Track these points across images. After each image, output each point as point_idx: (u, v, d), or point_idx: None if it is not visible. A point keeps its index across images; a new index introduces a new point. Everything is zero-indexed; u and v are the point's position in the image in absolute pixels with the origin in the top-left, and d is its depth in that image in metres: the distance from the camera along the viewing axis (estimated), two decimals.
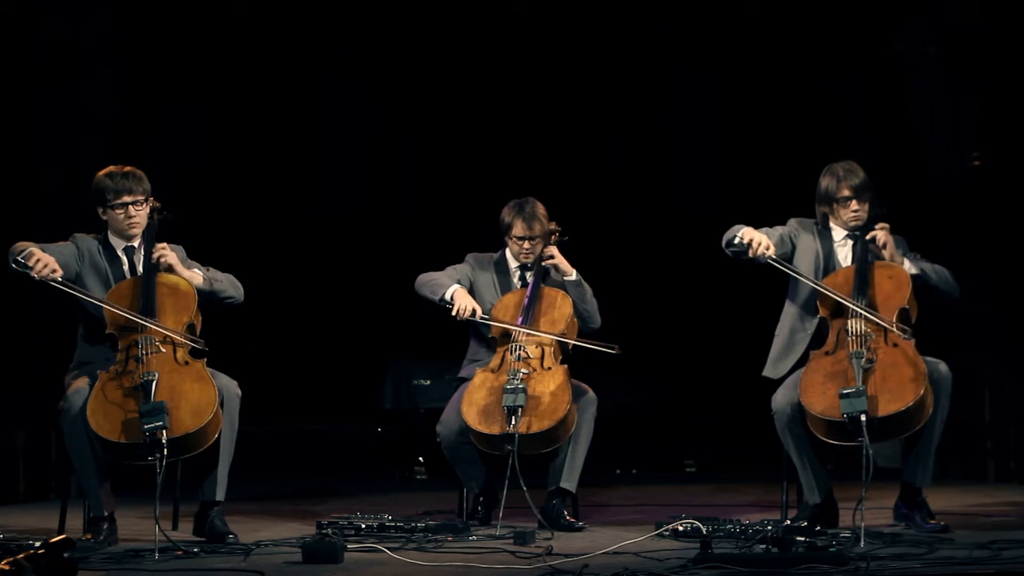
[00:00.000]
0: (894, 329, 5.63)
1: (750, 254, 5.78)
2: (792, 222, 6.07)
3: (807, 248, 5.97)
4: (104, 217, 5.72)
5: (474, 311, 6.17)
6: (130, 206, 5.66)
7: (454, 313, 6.17)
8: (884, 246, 5.84)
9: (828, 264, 5.96)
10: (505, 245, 6.45)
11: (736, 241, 5.82)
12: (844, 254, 5.98)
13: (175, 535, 5.54)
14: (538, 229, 6.30)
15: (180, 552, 5.19)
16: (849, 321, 5.69)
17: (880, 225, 5.88)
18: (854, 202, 5.93)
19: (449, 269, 6.40)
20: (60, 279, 5.42)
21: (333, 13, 9.52)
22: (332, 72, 9.66)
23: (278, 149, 9.56)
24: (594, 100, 9.69)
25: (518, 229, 6.33)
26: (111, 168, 5.72)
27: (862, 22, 9.02)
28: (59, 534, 5.61)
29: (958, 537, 5.42)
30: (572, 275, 6.32)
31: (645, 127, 9.78)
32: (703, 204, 9.49)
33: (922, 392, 5.51)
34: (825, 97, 9.25)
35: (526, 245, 6.32)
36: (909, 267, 5.85)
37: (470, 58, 9.61)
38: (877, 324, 5.66)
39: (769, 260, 5.80)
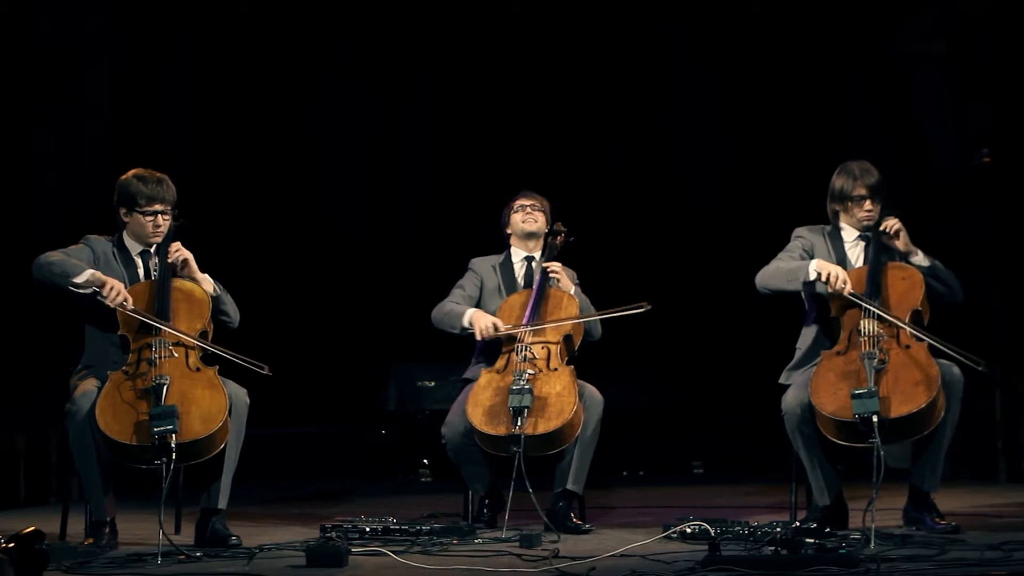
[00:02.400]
0: (906, 326, 5.57)
1: (828, 290, 5.68)
2: (800, 231, 6.00)
3: (822, 255, 5.90)
4: (126, 220, 5.67)
5: (495, 327, 6.13)
6: (159, 215, 5.63)
7: (478, 338, 6.15)
8: (897, 234, 5.78)
9: (842, 267, 5.88)
10: (508, 246, 6.46)
11: (812, 279, 5.71)
12: (856, 255, 5.92)
13: (177, 539, 5.50)
14: (539, 199, 6.44)
15: (183, 556, 5.14)
16: (861, 321, 5.63)
17: (890, 217, 5.82)
18: (868, 202, 5.88)
19: (456, 292, 6.38)
20: (132, 307, 5.39)
21: (333, 13, 9.48)
22: (332, 72, 9.63)
23: (279, 150, 9.53)
24: (595, 99, 9.66)
25: (520, 200, 6.45)
26: (141, 172, 5.66)
27: (867, 19, 8.98)
28: (60, 539, 5.62)
29: (969, 538, 5.36)
30: (571, 290, 6.29)
31: (648, 126, 9.75)
32: (708, 204, 9.46)
33: (934, 395, 5.45)
34: (831, 95, 9.21)
35: (528, 210, 6.40)
36: (923, 258, 5.80)
37: (471, 58, 9.58)
38: (890, 325, 5.60)
39: (851, 296, 5.67)
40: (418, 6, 9.53)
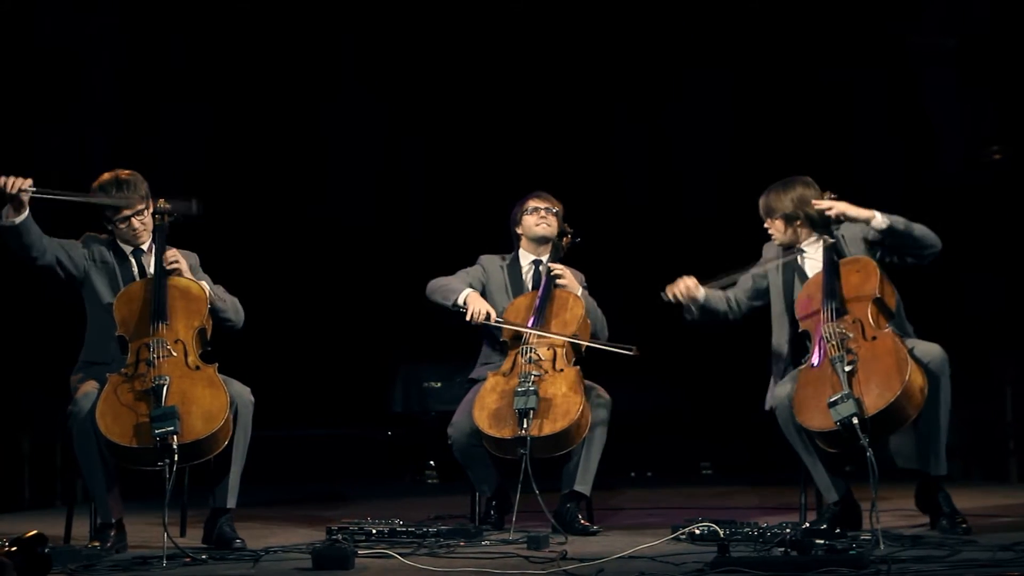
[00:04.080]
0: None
1: (672, 297, 5.91)
2: (764, 249, 6.03)
3: (772, 271, 5.91)
4: (110, 227, 5.67)
5: (488, 315, 6.09)
6: (132, 218, 5.60)
7: (468, 318, 6.10)
8: (839, 217, 5.68)
9: (792, 281, 5.85)
10: (516, 246, 6.42)
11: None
12: (811, 265, 5.85)
13: (183, 542, 5.48)
14: (553, 202, 6.37)
15: (188, 559, 5.12)
16: (822, 327, 5.56)
17: (824, 200, 5.72)
18: (767, 221, 5.89)
19: (460, 273, 6.35)
20: (32, 187, 5.27)
21: (337, 13, 9.47)
22: (338, 73, 9.61)
23: (284, 150, 9.52)
24: (600, 99, 9.64)
25: (534, 201, 6.37)
26: (105, 178, 5.61)
27: (876, 14, 8.95)
28: (65, 541, 5.59)
29: (981, 539, 5.32)
30: (578, 291, 6.25)
31: (652, 127, 9.73)
32: (710, 204, 9.44)
33: (907, 377, 5.35)
34: (838, 92, 9.18)
35: (542, 213, 6.33)
36: (881, 219, 5.64)
37: (477, 58, 9.57)
38: (854, 322, 5.53)
39: (712, 293, 5.88)
40: (423, 6, 9.51)
